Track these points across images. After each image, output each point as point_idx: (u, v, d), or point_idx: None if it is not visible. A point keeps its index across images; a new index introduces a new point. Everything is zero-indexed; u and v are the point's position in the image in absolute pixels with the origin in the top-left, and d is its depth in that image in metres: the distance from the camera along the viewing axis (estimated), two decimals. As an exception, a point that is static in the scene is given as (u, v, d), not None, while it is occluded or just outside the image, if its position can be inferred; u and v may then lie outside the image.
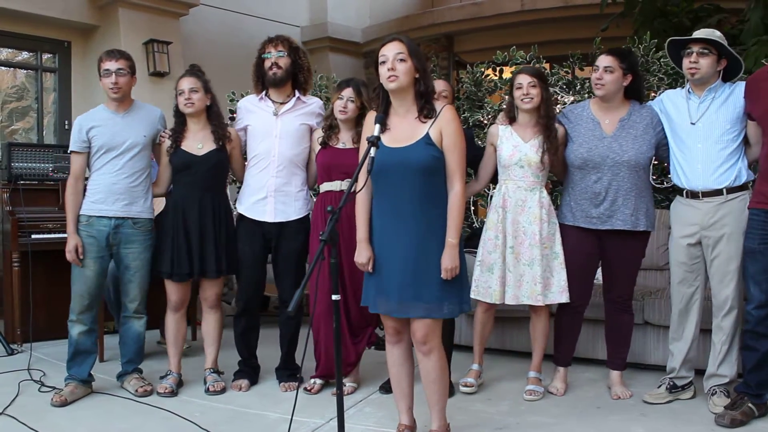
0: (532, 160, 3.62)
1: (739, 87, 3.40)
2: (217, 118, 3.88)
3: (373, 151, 2.68)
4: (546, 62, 5.54)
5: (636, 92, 3.65)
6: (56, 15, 6.49)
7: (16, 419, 3.35)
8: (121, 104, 3.78)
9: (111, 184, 3.71)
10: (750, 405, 3.21)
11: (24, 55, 6.85)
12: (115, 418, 3.44)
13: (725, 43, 3.39)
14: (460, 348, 4.32)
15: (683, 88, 3.59)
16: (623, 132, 3.56)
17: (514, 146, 3.65)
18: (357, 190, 2.83)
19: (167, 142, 3.84)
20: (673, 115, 3.53)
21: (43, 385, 3.89)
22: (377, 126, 2.76)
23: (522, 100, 3.63)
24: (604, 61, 3.55)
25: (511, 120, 3.73)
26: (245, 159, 4.01)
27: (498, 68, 5.57)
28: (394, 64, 2.75)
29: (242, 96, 4.51)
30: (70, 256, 3.67)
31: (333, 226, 2.55)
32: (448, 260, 2.73)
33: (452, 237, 2.75)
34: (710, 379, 3.47)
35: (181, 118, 3.86)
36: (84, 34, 6.89)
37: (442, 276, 2.73)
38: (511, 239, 3.63)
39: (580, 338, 3.84)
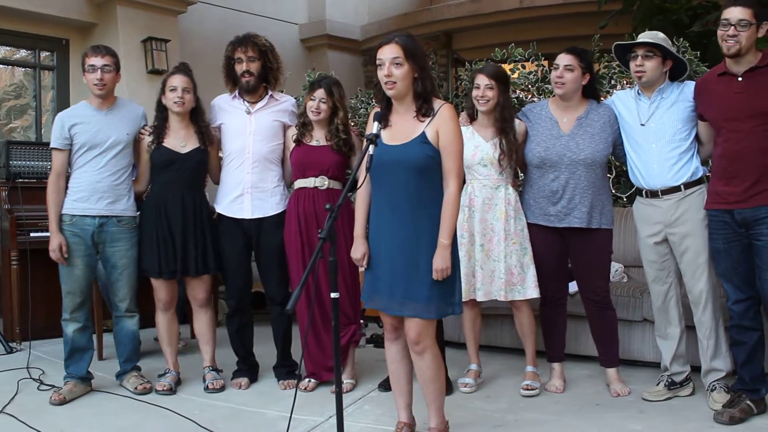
0: (494, 159, 3.65)
1: (688, 87, 3.45)
2: (202, 119, 3.87)
3: (371, 148, 2.68)
4: (544, 59, 5.54)
5: (593, 91, 3.69)
6: (54, 13, 6.47)
7: (15, 418, 3.35)
8: (104, 101, 3.76)
9: (95, 183, 3.68)
10: (748, 402, 3.21)
11: (22, 53, 6.83)
12: (114, 416, 3.44)
13: (669, 45, 3.45)
14: (457, 345, 4.31)
15: (632, 88, 3.63)
16: (580, 130, 3.59)
17: (476, 146, 3.67)
18: (357, 187, 2.83)
19: (147, 139, 3.82)
20: (625, 116, 3.58)
21: (42, 383, 3.89)
22: (376, 123, 2.75)
23: (478, 101, 3.66)
24: (564, 59, 3.58)
25: (472, 119, 3.76)
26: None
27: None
28: (390, 69, 2.73)
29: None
30: (54, 255, 3.65)
31: (332, 224, 2.54)
32: (440, 261, 2.72)
33: (444, 237, 2.73)
34: (708, 375, 3.47)
35: (163, 114, 3.83)
36: (82, 31, 6.87)
37: (433, 276, 2.72)
38: (479, 237, 3.66)
39: (577, 335, 3.86)
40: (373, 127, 2.74)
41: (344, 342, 3.80)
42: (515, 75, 5.43)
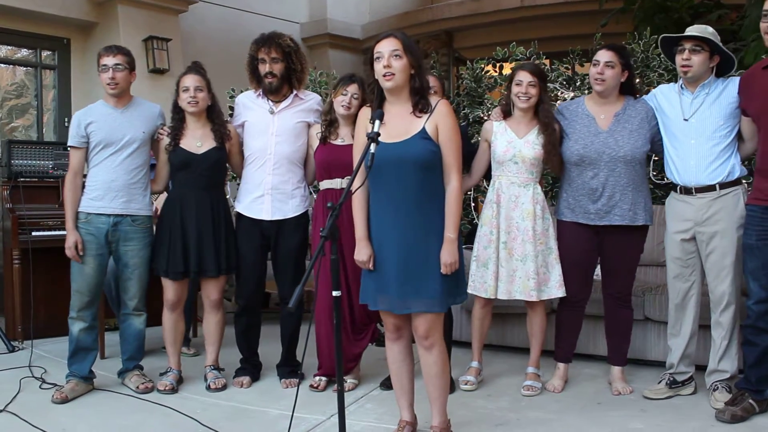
0: (527, 156, 3.62)
1: (733, 83, 3.40)
2: (218, 117, 3.87)
3: (373, 147, 2.68)
4: (546, 58, 5.54)
5: (630, 87, 3.66)
6: (55, 12, 6.48)
7: (18, 416, 3.35)
8: (119, 100, 3.77)
9: (110, 181, 3.70)
10: (751, 401, 3.21)
11: (23, 53, 6.83)
12: (115, 415, 3.44)
13: (718, 39, 3.39)
14: (460, 344, 4.32)
15: (676, 83, 3.59)
16: (619, 127, 3.56)
17: (509, 142, 3.65)
18: (356, 188, 2.81)
19: (165, 140, 3.83)
20: (666, 111, 3.54)
21: (44, 382, 3.90)
22: (377, 122, 2.75)
23: (519, 97, 3.63)
24: (605, 56, 3.55)
25: (506, 115, 3.74)
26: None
27: (498, 64, 5.57)
28: (389, 60, 2.74)
29: (241, 92, 4.51)
30: (69, 252, 3.66)
31: (333, 223, 2.54)
32: (448, 255, 2.73)
33: (451, 232, 2.75)
34: (711, 375, 3.47)
35: (179, 115, 3.84)
36: (83, 31, 6.88)
37: (442, 271, 2.73)
38: (504, 235, 3.64)
39: (580, 334, 3.84)
40: (374, 126, 2.74)
41: (366, 342, 3.83)
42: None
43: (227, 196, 4.12)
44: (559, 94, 5.15)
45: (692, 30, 3.42)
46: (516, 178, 3.66)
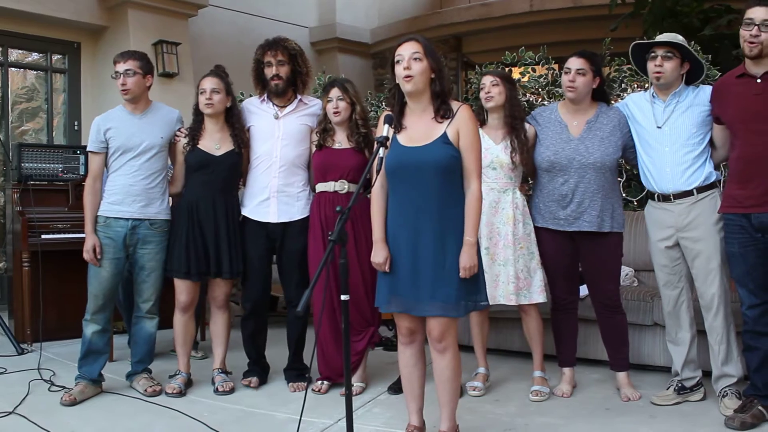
0: (504, 162, 3.66)
1: (704, 91, 3.43)
2: (237, 121, 3.89)
3: (382, 151, 2.68)
4: (555, 63, 5.53)
5: (602, 94, 3.69)
6: (66, 16, 6.51)
7: (26, 418, 3.37)
8: (137, 105, 3.79)
9: (128, 186, 3.72)
10: (760, 408, 3.19)
11: (34, 56, 6.87)
12: (124, 418, 3.45)
13: (688, 46, 3.43)
14: (467, 349, 4.30)
15: (646, 91, 3.61)
16: (590, 134, 3.58)
17: (486, 149, 3.65)
18: (369, 190, 2.83)
19: (183, 141, 3.85)
20: (639, 119, 3.55)
21: (53, 384, 3.91)
22: (386, 126, 2.76)
23: (484, 99, 3.69)
24: (575, 63, 3.57)
25: (482, 123, 3.75)
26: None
27: (507, 69, 5.56)
28: (409, 63, 2.75)
29: (251, 96, 4.53)
30: (87, 255, 3.68)
31: (342, 227, 2.54)
32: (467, 259, 2.73)
33: (470, 235, 2.75)
34: (719, 381, 3.45)
35: (199, 117, 3.88)
36: (93, 35, 6.91)
37: (460, 275, 2.73)
38: (485, 240, 3.65)
39: (586, 339, 3.84)
40: (383, 130, 2.75)
41: (363, 344, 3.81)
42: (525, 78, 5.42)
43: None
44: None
45: (663, 37, 3.45)
46: (495, 183, 3.69)
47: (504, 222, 3.65)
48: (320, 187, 3.80)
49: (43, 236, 4.81)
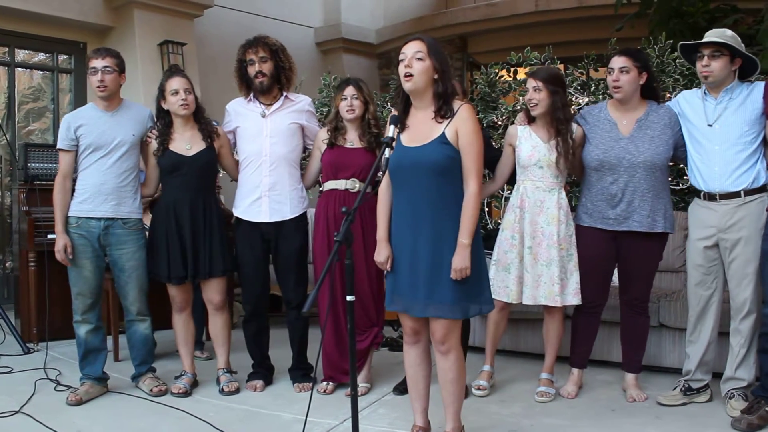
0: (551, 161, 3.60)
1: (758, 87, 3.35)
2: (204, 118, 3.87)
3: (387, 152, 2.68)
4: (560, 63, 5.52)
5: (652, 90, 3.61)
6: (72, 16, 6.54)
7: (33, 418, 3.38)
8: (109, 103, 3.75)
9: (99, 184, 3.68)
10: (767, 409, 3.18)
11: (40, 57, 6.89)
12: (129, 418, 3.46)
13: (736, 43, 3.33)
14: (473, 350, 4.30)
15: (700, 88, 3.55)
16: (640, 133, 3.53)
17: (533, 146, 3.63)
18: (376, 189, 2.82)
19: (154, 144, 3.82)
20: (689, 117, 3.49)
21: (59, 384, 3.92)
22: (391, 127, 2.76)
23: (528, 103, 3.64)
24: (618, 62, 3.52)
25: (530, 120, 3.72)
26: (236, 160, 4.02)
27: (512, 69, 5.55)
28: (411, 62, 2.74)
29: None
30: (59, 256, 3.64)
31: (348, 227, 2.54)
32: (459, 260, 2.70)
33: (464, 237, 2.71)
34: (728, 383, 3.44)
35: (166, 119, 3.83)
36: (99, 35, 6.93)
37: (451, 276, 2.71)
38: (529, 239, 3.61)
39: (595, 340, 3.81)
40: (389, 131, 2.74)
41: (366, 344, 3.80)
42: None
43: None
44: (573, 99, 5.12)
45: (710, 35, 3.37)
46: (541, 182, 3.64)
47: (549, 222, 3.60)
48: (330, 185, 3.79)
49: (49, 236, 4.80)
